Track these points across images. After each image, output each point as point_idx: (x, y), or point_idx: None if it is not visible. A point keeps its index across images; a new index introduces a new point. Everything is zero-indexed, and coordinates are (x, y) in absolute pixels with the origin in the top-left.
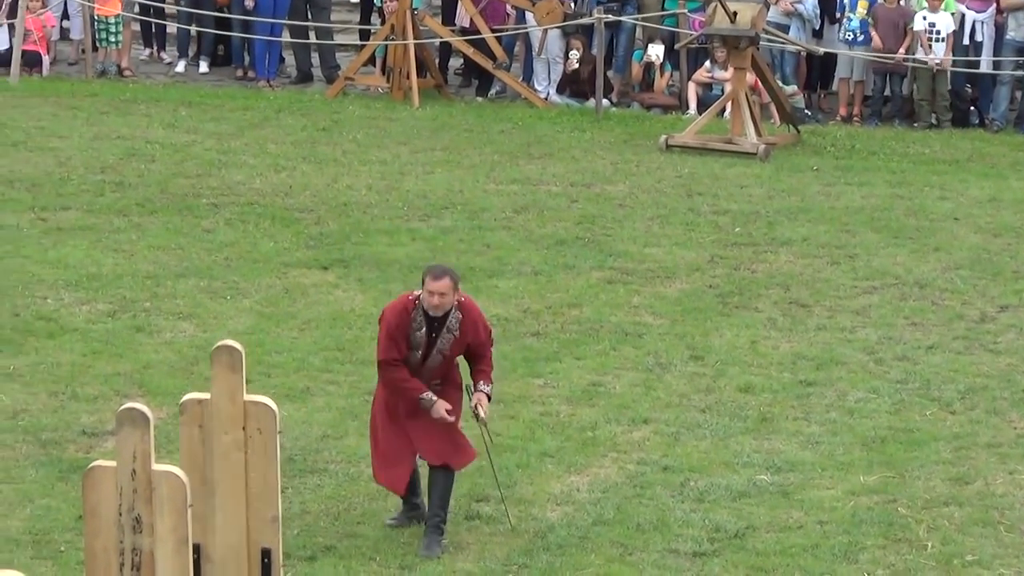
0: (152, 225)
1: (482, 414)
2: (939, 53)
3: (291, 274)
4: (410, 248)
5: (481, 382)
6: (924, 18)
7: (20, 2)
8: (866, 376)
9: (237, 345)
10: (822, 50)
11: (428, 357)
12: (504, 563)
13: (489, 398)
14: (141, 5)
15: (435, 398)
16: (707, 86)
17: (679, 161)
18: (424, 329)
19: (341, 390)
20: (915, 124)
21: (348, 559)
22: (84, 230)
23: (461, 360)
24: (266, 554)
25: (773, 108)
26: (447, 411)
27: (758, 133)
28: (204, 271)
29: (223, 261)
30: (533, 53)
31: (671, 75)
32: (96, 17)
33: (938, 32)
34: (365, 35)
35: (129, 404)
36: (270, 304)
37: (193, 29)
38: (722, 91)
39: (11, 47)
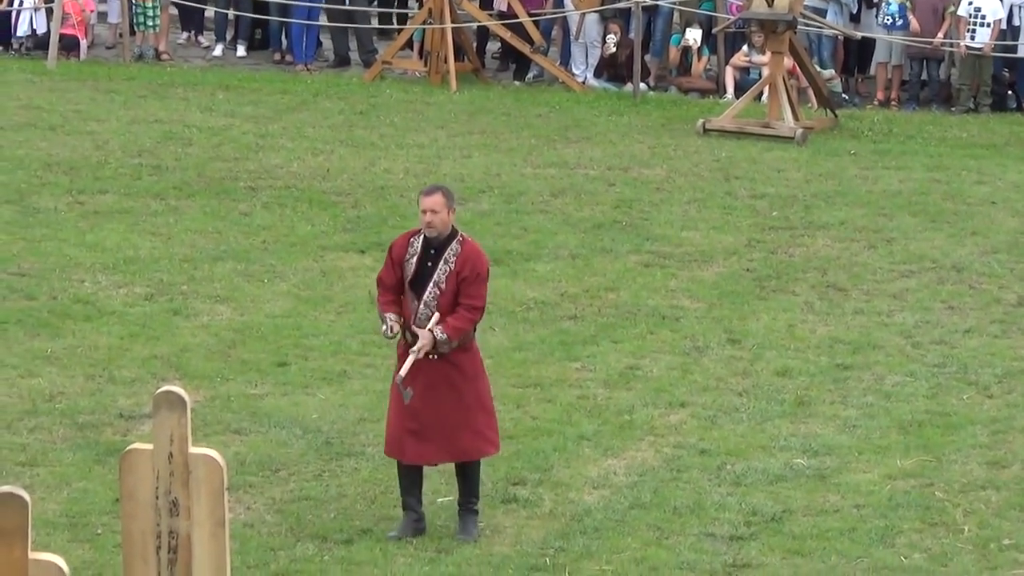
0: (189, 208)
1: (420, 348)
2: (983, 38)
3: (328, 257)
4: None
5: (440, 326)
6: (969, 3)
7: None
8: (903, 360)
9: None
10: (859, 34)
11: (425, 290)
12: (541, 547)
13: (435, 343)
14: None
15: (396, 328)
16: (744, 70)
17: (716, 145)
18: (418, 256)
19: (378, 373)
20: (953, 108)
21: (385, 542)
22: (121, 213)
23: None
24: None
25: (811, 92)
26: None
27: (795, 117)
28: (241, 254)
29: (260, 244)
30: (571, 37)
31: (708, 59)
32: (134, 1)
33: (983, 17)
34: (403, 19)
35: (166, 387)
36: (307, 287)
37: (231, 13)
38: (760, 75)
39: (49, 31)
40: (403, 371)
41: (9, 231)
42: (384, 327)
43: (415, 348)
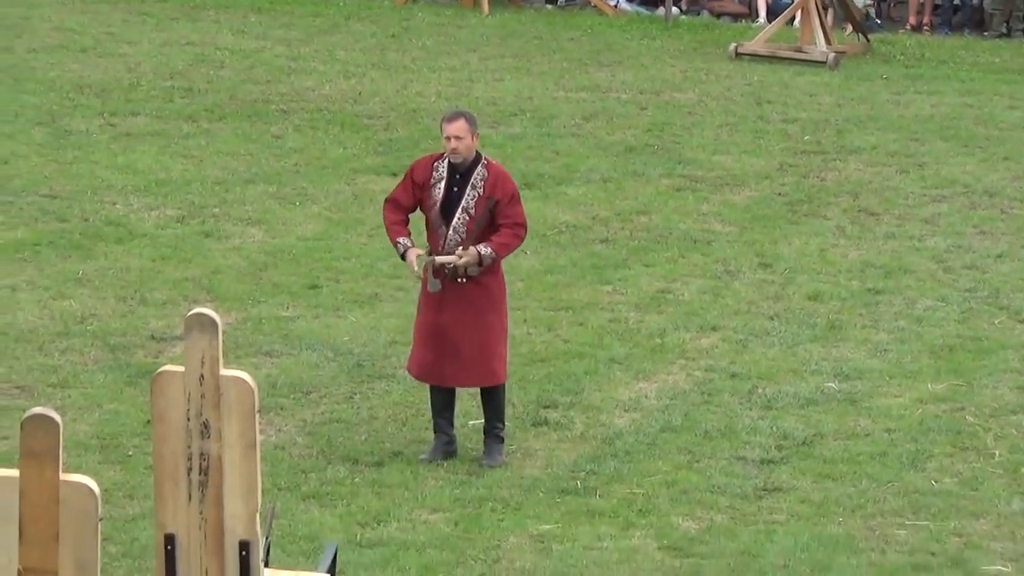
0: (221, 131)
1: (460, 256)
2: None
3: (360, 180)
4: None
5: (484, 244)
6: None
7: None
8: (935, 284)
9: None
10: None
11: (454, 216)
12: (571, 469)
13: (481, 261)
14: None
15: (410, 246)
16: None
17: (748, 69)
18: (444, 182)
19: (409, 296)
20: (985, 33)
21: (415, 465)
22: (153, 136)
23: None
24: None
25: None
26: (419, 258)
27: (828, 41)
28: (273, 177)
29: (292, 167)
30: None
31: None
32: None
33: None
34: None
35: (197, 309)
36: (339, 210)
37: None
38: None
39: None
40: (441, 259)
41: (41, 153)
42: (402, 251)
43: (459, 253)
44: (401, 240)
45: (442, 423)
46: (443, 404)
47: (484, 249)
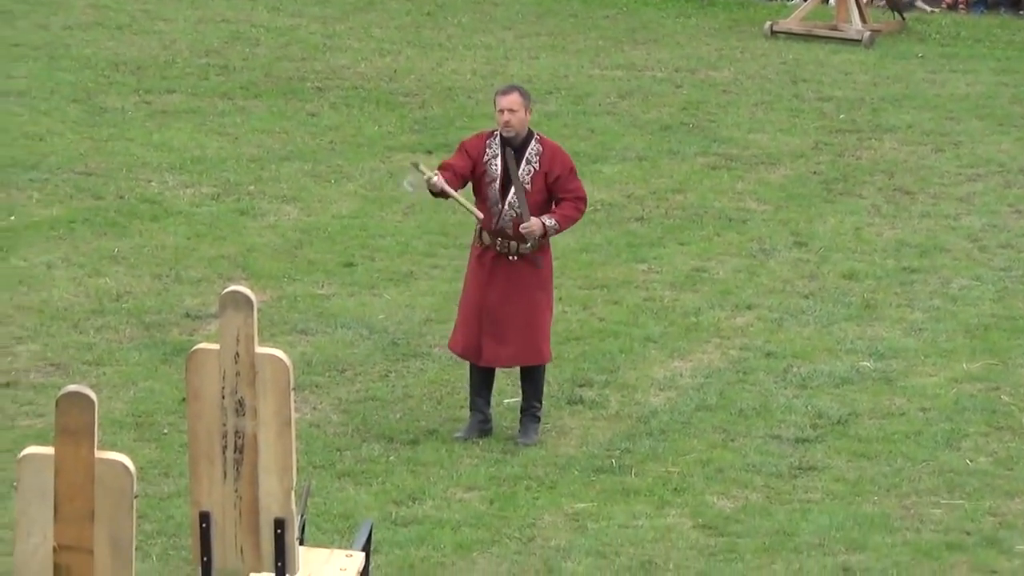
0: (256, 108)
1: (529, 230)
2: None
3: (395, 158)
4: None
5: (548, 216)
6: None
7: None
8: (970, 263)
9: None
10: None
11: (509, 192)
12: (607, 448)
13: (545, 232)
14: None
15: (436, 178)
16: None
17: (784, 47)
18: (499, 158)
19: (444, 274)
20: (1021, 12)
21: (450, 443)
22: (188, 113)
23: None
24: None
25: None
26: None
27: (863, 20)
28: (308, 154)
29: (327, 145)
30: None
31: None
32: None
33: None
34: None
35: (232, 287)
36: (374, 188)
37: None
38: None
39: None
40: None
41: (76, 130)
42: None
43: (523, 226)
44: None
45: (479, 402)
46: (481, 383)
47: (548, 220)
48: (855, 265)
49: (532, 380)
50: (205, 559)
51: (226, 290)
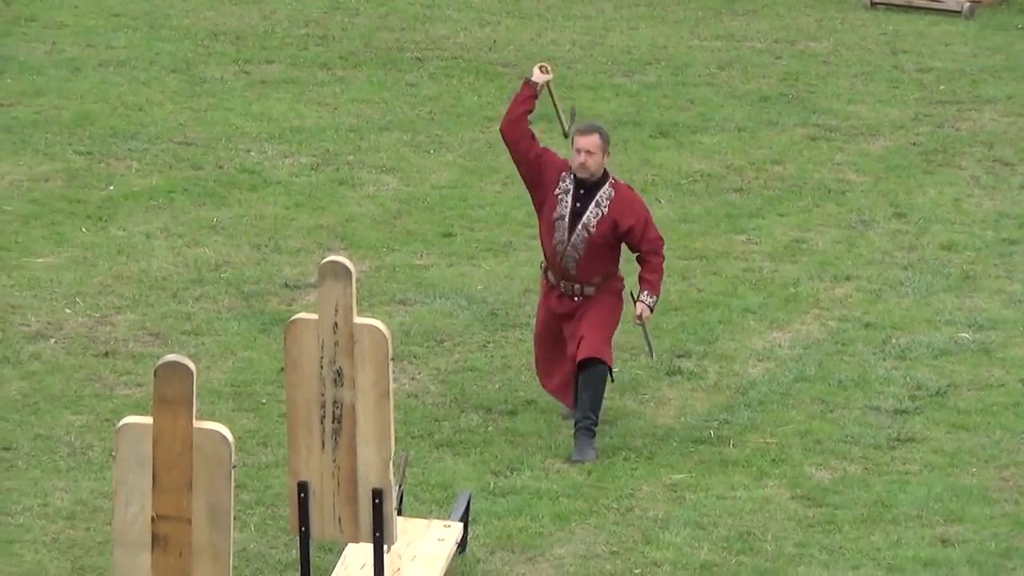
0: (356, 79)
1: (643, 318)
2: None
3: (494, 129)
4: (614, 103)
5: (645, 292)
6: None
7: None
8: None
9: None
10: None
11: (574, 232)
12: (705, 419)
13: (651, 310)
14: None
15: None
16: None
17: (883, 19)
18: (571, 194)
19: None
20: None
21: (549, 413)
22: (288, 83)
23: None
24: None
25: None
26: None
27: None
28: (407, 124)
29: (427, 115)
30: None
31: None
32: None
33: None
34: None
35: (331, 257)
36: (473, 158)
37: None
38: None
39: None
40: (648, 345)
41: (176, 100)
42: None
43: (639, 320)
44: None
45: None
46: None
47: (649, 299)
48: (954, 236)
49: (590, 387)
50: (303, 529)
51: (325, 260)
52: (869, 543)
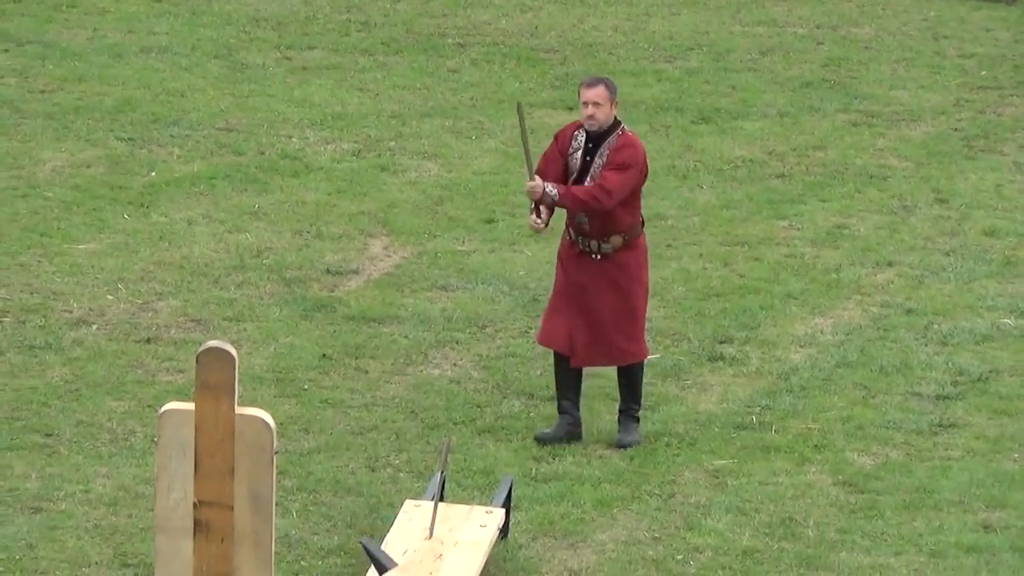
0: (397, 65)
1: (529, 191)
2: None
3: (536, 115)
4: (655, 89)
5: (554, 184)
6: None
7: None
8: None
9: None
10: None
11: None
12: (747, 404)
13: (542, 199)
14: None
15: (538, 220)
16: None
17: (925, 4)
18: (581, 151)
19: None
20: None
21: (590, 399)
22: (329, 69)
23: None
24: None
25: None
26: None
27: None
28: (449, 111)
29: (468, 101)
30: None
31: None
32: None
33: None
34: None
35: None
36: (515, 144)
37: None
38: None
39: None
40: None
41: (217, 86)
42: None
43: (528, 185)
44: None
45: (567, 404)
46: (569, 384)
47: (550, 188)
48: (996, 222)
49: (628, 381)
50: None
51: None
52: (911, 529)
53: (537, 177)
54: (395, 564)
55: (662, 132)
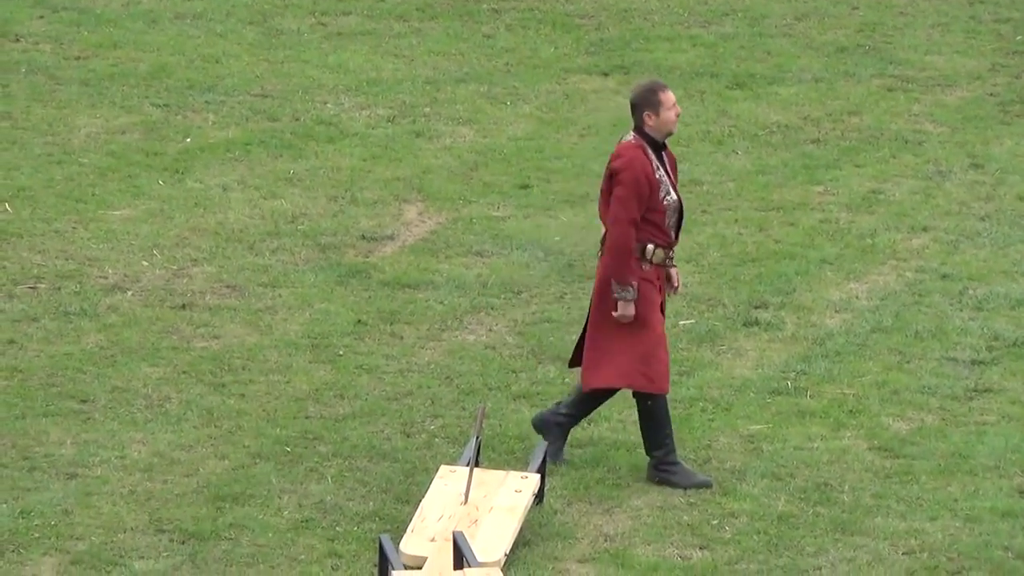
0: (432, 30)
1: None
2: None
3: (571, 80)
4: (690, 54)
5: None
6: None
7: None
8: None
9: None
10: None
11: (681, 201)
12: (782, 369)
13: (633, 295)
14: None
15: (635, 295)
16: None
17: None
18: (660, 167)
19: None
20: None
21: None
22: (364, 35)
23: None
24: None
25: None
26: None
27: None
28: (484, 76)
29: (503, 66)
30: None
31: None
32: None
33: None
34: None
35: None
36: (550, 110)
37: None
38: None
39: None
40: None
41: (252, 52)
42: (632, 288)
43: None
44: (632, 286)
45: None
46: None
47: (623, 293)
48: None
49: (640, 418)
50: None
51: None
52: (946, 494)
53: (630, 305)
54: (400, 566)
55: (697, 98)
